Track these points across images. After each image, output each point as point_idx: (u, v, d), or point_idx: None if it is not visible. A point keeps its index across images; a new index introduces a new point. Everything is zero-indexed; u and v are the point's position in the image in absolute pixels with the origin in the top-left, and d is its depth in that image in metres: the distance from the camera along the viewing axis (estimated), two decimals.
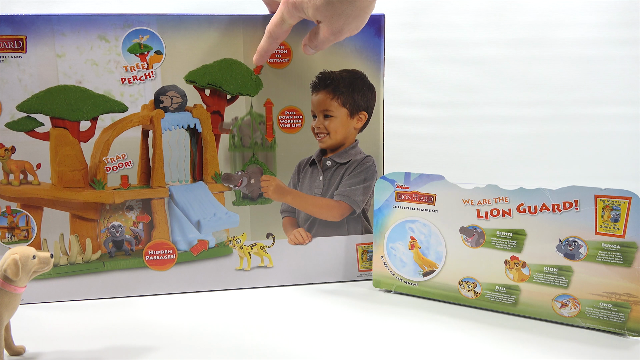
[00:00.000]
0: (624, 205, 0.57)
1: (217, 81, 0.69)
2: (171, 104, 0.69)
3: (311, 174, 0.74)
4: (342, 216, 0.75)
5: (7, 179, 0.67)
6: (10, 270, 0.49)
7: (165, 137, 0.69)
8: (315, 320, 0.63)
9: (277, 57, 0.70)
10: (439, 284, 0.68)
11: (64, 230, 0.69)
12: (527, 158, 1.05)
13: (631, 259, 0.58)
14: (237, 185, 0.72)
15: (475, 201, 0.65)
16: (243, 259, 0.73)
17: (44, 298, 0.68)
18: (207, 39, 0.68)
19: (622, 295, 0.58)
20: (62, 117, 0.67)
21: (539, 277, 0.62)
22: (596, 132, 1.05)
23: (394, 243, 0.70)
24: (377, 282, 0.72)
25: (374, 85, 0.73)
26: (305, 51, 0.66)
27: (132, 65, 0.67)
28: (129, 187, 0.69)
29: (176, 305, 0.68)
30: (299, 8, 0.60)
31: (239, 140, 0.71)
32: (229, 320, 0.63)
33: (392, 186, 0.69)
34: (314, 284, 0.74)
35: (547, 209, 0.61)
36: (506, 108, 1.04)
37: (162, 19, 0.67)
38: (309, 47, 0.66)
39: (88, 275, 0.70)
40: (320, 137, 0.73)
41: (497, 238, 0.64)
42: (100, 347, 0.56)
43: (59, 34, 0.65)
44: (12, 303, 0.51)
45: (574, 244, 0.60)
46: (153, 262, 0.71)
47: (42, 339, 0.58)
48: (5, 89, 0.65)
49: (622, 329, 0.59)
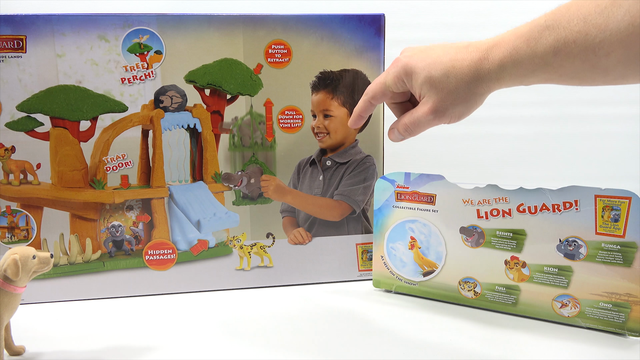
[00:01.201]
0: (624, 205, 0.57)
1: (217, 81, 0.69)
2: (171, 104, 0.69)
3: (311, 173, 0.74)
4: (342, 216, 0.75)
5: (7, 178, 0.67)
6: (10, 270, 0.49)
7: (165, 137, 0.69)
8: (315, 320, 0.63)
9: (277, 57, 0.70)
10: (439, 284, 0.68)
11: (64, 230, 0.69)
12: (527, 158, 1.05)
13: (631, 259, 0.58)
14: (237, 185, 0.72)
15: (475, 201, 0.65)
16: (243, 258, 0.73)
17: (44, 298, 0.68)
18: (207, 39, 0.68)
19: (622, 295, 0.58)
20: (62, 117, 0.67)
21: (539, 277, 0.62)
22: (596, 132, 1.05)
23: (394, 243, 0.70)
24: (377, 282, 0.72)
25: None
26: (392, 136, 0.59)
27: (132, 65, 0.67)
28: (129, 187, 0.69)
29: (176, 305, 0.68)
30: (409, 72, 0.53)
31: (239, 140, 0.71)
32: (229, 320, 0.63)
33: (392, 186, 0.69)
34: (313, 284, 0.74)
35: (547, 209, 0.61)
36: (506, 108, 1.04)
37: (162, 19, 0.67)
38: (397, 131, 0.57)
39: (88, 275, 0.70)
40: (320, 137, 0.73)
41: (497, 238, 0.64)
42: (100, 347, 0.56)
43: (59, 34, 0.65)
44: (12, 303, 0.51)
45: (574, 244, 0.60)
46: (153, 262, 0.71)
47: (42, 339, 0.58)
48: (5, 89, 0.65)
49: (622, 329, 0.59)
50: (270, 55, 0.69)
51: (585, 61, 0.44)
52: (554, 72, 0.47)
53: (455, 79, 0.51)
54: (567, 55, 0.45)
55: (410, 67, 0.53)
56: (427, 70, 0.52)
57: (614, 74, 0.45)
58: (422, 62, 0.53)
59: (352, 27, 0.70)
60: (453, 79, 0.51)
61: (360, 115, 0.61)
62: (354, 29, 0.70)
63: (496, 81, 0.50)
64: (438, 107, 0.52)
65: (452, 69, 0.51)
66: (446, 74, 0.51)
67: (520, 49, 0.47)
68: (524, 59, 0.47)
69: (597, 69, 0.44)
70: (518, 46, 0.47)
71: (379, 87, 0.57)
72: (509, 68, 0.48)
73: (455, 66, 0.51)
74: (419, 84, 0.53)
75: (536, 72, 0.48)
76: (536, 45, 0.46)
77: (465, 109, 0.53)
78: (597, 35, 0.43)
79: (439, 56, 0.52)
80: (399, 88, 0.56)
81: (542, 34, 0.46)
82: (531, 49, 0.47)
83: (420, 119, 0.54)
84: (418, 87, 0.53)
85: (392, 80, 0.55)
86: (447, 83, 0.51)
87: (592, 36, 0.43)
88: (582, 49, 0.44)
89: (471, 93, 0.51)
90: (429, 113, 0.53)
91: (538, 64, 0.47)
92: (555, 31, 0.45)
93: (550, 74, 0.47)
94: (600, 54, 0.43)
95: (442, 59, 0.52)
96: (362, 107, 0.60)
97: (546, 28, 0.46)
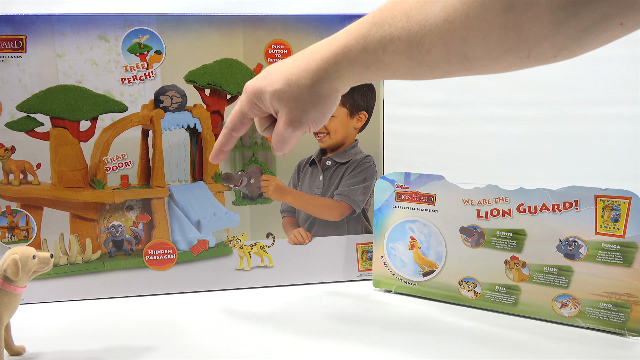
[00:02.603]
0: (624, 205, 0.57)
1: (217, 81, 0.69)
2: (171, 104, 0.69)
3: (311, 173, 0.74)
4: (342, 216, 0.75)
5: (7, 179, 0.67)
6: (10, 271, 0.49)
7: (165, 136, 0.69)
8: (315, 320, 0.63)
9: (277, 57, 0.70)
10: (439, 284, 0.68)
11: (64, 230, 0.69)
12: (527, 158, 1.05)
13: (631, 259, 0.58)
14: (237, 185, 0.72)
15: (475, 201, 0.65)
16: (243, 258, 0.73)
17: (44, 298, 0.68)
18: (207, 39, 0.68)
19: (622, 295, 0.58)
20: (62, 117, 0.67)
21: (539, 277, 0.62)
22: (596, 132, 1.05)
23: (394, 243, 0.70)
24: (377, 282, 0.72)
25: (374, 85, 0.73)
26: (273, 151, 0.57)
27: (132, 65, 0.67)
28: (129, 187, 0.69)
29: (176, 305, 0.68)
30: (257, 94, 0.53)
31: (238, 140, 0.71)
32: (229, 320, 0.63)
33: (392, 186, 0.69)
34: (313, 284, 0.74)
35: (547, 209, 0.61)
36: (506, 108, 1.04)
37: (162, 19, 0.67)
38: (273, 147, 0.56)
39: (88, 275, 0.70)
40: (320, 137, 0.73)
41: (497, 238, 0.64)
42: (100, 347, 0.56)
43: (59, 34, 0.65)
44: (12, 303, 0.51)
45: (574, 244, 0.60)
46: (153, 262, 0.71)
47: (42, 339, 0.58)
48: (5, 89, 0.65)
49: (622, 329, 0.59)
50: (270, 55, 0.69)
51: (412, 58, 0.44)
52: (386, 68, 0.46)
53: (297, 85, 0.50)
54: (394, 52, 0.45)
55: (257, 89, 0.53)
56: (271, 85, 0.51)
57: (440, 71, 0.45)
58: (265, 80, 0.52)
59: None
60: (295, 86, 0.50)
61: (221, 150, 0.58)
62: None
63: (337, 79, 0.49)
64: (291, 118, 0.51)
65: (290, 76, 0.51)
66: (287, 82, 0.50)
67: (352, 46, 0.47)
68: (357, 55, 0.47)
69: (424, 65, 0.44)
70: (349, 43, 0.47)
71: (237, 117, 0.56)
72: (345, 64, 0.48)
73: (293, 73, 0.51)
74: (269, 102, 0.52)
75: (371, 69, 0.47)
76: (366, 42, 0.46)
77: (318, 114, 0.52)
78: (419, 32, 0.43)
79: (279, 69, 0.52)
80: (256, 113, 0.55)
81: (370, 31, 0.46)
82: (362, 46, 0.46)
83: (282, 134, 0.53)
84: (270, 105, 0.53)
85: (247, 106, 0.55)
86: (290, 92, 0.50)
87: (414, 32, 0.43)
88: (406, 45, 0.44)
89: (317, 96, 0.50)
90: (286, 126, 0.52)
91: (371, 61, 0.47)
92: (382, 27, 0.45)
93: (384, 70, 0.47)
94: (423, 50, 0.43)
95: (282, 71, 0.52)
96: (222, 141, 0.58)
97: (373, 25, 0.46)
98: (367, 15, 0.47)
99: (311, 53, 0.50)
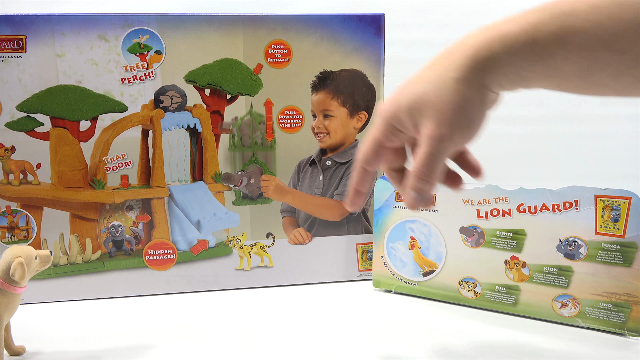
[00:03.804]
0: (624, 205, 0.57)
1: (217, 81, 0.69)
2: (171, 104, 0.69)
3: (311, 173, 0.74)
4: (342, 216, 0.75)
5: (7, 178, 0.67)
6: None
7: (165, 136, 0.69)
8: (315, 320, 0.63)
9: (277, 57, 0.70)
10: (439, 284, 0.68)
11: (64, 230, 0.69)
12: (527, 158, 1.05)
13: (631, 259, 0.58)
14: (237, 185, 0.72)
15: (475, 201, 0.65)
16: (243, 258, 0.73)
17: (44, 298, 0.68)
18: (207, 38, 0.68)
19: (622, 295, 0.58)
20: (62, 117, 0.67)
21: (539, 277, 0.62)
22: (596, 132, 1.05)
23: (394, 243, 0.70)
24: (377, 282, 0.72)
25: (374, 85, 0.73)
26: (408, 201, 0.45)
27: (132, 65, 0.67)
28: (129, 186, 0.69)
29: (176, 305, 0.68)
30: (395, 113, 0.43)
31: (238, 140, 0.71)
32: (229, 320, 0.63)
33: (392, 186, 0.69)
34: (314, 284, 0.74)
35: (547, 209, 0.61)
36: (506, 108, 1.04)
37: (162, 19, 0.67)
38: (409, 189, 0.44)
39: (88, 275, 0.70)
40: (320, 137, 0.73)
41: (497, 238, 0.64)
42: (100, 347, 0.56)
43: (58, 34, 0.65)
44: (12, 303, 0.51)
45: (574, 244, 0.60)
46: (153, 262, 0.71)
47: (42, 339, 0.58)
48: (5, 89, 0.65)
49: (622, 329, 0.59)
50: (270, 55, 0.69)
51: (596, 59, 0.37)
52: (557, 68, 0.38)
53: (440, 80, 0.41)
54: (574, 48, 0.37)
55: (394, 105, 0.44)
56: (410, 93, 0.43)
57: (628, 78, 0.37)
58: (400, 94, 0.44)
59: (352, 27, 0.70)
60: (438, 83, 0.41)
61: (358, 191, 0.48)
62: (353, 28, 0.70)
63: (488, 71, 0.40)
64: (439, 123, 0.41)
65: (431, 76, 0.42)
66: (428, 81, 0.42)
67: (514, 34, 0.39)
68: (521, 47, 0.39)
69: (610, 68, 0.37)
70: (512, 30, 0.39)
71: (370, 148, 0.46)
72: (502, 54, 0.39)
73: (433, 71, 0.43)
74: (407, 114, 0.43)
75: (536, 67, 0.39)
76: (535, 32, 0.38)
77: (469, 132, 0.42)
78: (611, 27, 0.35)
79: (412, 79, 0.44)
80: (393, 139, 0.46)
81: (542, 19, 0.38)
82: (529, 36, 0.38)
83: (429, 151, 0.42)
84: (408, 119, 0.43)
85: (382, 132, 0.45)
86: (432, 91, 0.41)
87: (605, 27, 0.35)
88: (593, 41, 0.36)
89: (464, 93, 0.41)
90: (434, 137, 0.41)
91: (539, 56, 0.38)
92: (559, 18, 0.37)
93: (553, 71, 0.39)
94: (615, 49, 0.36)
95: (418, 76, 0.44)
96: (357, 179, 0.48)
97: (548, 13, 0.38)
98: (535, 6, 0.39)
99: (456, 45, 0.42)
